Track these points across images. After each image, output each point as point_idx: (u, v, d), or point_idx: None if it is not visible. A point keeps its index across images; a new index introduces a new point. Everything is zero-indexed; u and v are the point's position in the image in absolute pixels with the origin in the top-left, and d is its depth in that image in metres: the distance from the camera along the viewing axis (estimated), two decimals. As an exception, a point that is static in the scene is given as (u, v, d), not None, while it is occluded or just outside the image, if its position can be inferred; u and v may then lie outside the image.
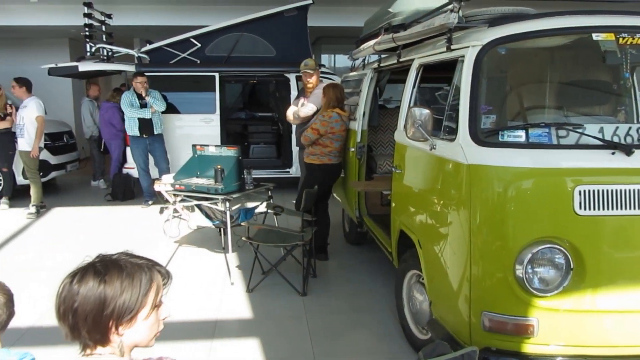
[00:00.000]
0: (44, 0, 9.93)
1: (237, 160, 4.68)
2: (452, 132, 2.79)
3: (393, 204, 3.73)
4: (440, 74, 4.12)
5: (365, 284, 4.55)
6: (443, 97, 4.60)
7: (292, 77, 8.20)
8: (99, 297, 1.21)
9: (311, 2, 8.21)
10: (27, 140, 7.06)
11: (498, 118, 2.75)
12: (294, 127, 7.79)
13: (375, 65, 4.83)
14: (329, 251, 5.21)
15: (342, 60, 15.12)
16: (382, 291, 4.36)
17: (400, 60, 4.00)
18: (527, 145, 2.56)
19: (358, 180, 4.87)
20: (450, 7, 2.92)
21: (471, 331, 2.58)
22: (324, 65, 6.49)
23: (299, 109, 5.62)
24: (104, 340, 1.25)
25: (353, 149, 4.91)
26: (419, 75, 3.60)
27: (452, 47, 2.97)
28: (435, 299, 2.99)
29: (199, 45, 8.15)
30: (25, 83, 7.15)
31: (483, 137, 2.60)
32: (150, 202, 7.45)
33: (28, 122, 7.03)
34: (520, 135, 2.59)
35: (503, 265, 2.45)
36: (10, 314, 1.59)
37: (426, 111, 2.88)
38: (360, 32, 5.84)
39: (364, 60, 5.70)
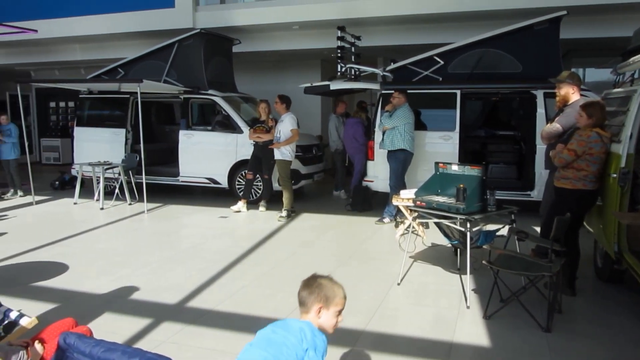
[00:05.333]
0: (304, 27, 11.14)
1: (481, 180, 4.54)
2: None
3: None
4: None
5: (623, 330, 3.97)
6: None
7: (539, 94, 7.69)
8: None
9: (565, 12, 7.61)
10: (282, 151, 7.97)
11: None
12: (538, 146, 7.32)
13: (650, 80, 4.22)
14: (576, 286, 4.71)
15: (593, 74, 13.70)
16: (645, 342, 3.76)
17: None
18: None
19: (619, 210, 4.30)
20: None
21: None
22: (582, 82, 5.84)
23: (545, 127, 5.24)
24: None
25: (615, 175, 4.35)
26: None
27: None
28: None
29: (442, 62, 8.19)
30: (285, 100, 8.10)
31: None
32: (386, 221, 7.63)
33: (284, 135, 7.93)
34: None
35: None
36: None
37: None
38: (626, 43, 5.21)
39: (632, 74, 5.04)
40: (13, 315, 3.13)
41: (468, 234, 4.39)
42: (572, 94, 5.15)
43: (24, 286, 4.89)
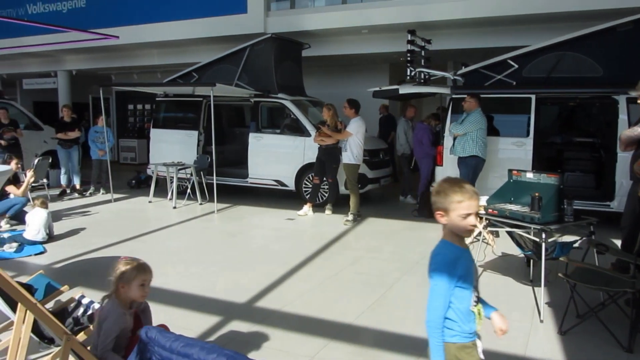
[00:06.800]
0: (373, 30, 11.11)
1: (558, 189, 4.35)
2: None
3: None
4: None
5: None
6: None
7: (621, 99, 7.27)
8: None
9: (654, 12, 7.18)
10: (349, 155, 7.97)
11: None
12: (619, 154, 6.94)
13: None
14: (661, 305, 4.41)
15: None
16: None
17: None
18: None
19: None
20: None
21: None
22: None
23: (626, 131, 4.92)
24: None
25: None
26: None
27: None
28: None
29: (516, 66, 7.93)
30: (354, 105, 8.11)
31: None
32: None
33: (351, 138, 7.94)
34: None
35: None
36: None
37: None
38: None
39: None
40: (95, 307, 3.32)
41: (543, 244, 4.21)
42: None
43: (103, 279, 5.14)
